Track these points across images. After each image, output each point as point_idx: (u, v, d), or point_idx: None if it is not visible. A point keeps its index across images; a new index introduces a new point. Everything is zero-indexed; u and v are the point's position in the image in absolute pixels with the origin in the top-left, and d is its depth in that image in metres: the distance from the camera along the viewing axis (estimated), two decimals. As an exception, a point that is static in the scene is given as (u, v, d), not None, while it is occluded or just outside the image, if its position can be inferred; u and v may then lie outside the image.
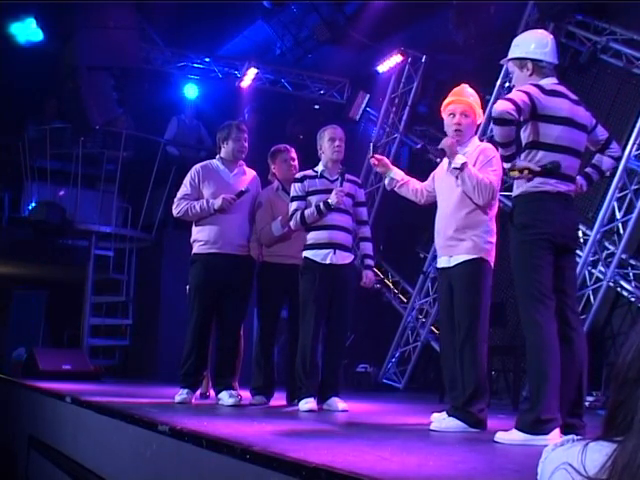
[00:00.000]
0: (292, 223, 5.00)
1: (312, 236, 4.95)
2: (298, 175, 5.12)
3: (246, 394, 5.39)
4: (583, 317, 6.87)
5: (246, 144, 5.32)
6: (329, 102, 10.59)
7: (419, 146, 9.32)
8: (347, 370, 8.69)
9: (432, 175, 4.29)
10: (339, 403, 4.88)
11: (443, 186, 4.09)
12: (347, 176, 5.04)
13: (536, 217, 3.37)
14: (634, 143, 6.83)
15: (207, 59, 10.40)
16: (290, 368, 5.11)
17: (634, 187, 6.91)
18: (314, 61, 9.79)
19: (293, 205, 5.01)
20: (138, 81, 10.02)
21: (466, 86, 4.23)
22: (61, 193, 9.28)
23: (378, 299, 9.60)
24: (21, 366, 8.14)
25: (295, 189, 5.04)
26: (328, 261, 4.89)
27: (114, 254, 9.32)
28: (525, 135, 3.46)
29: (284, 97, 10.71)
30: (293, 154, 5.58)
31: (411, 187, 4.30)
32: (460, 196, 3.94)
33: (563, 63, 7.91)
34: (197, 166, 5.33)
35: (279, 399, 5.41)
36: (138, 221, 9.32)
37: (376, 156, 4.41)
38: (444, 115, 4.12)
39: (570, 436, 1.27)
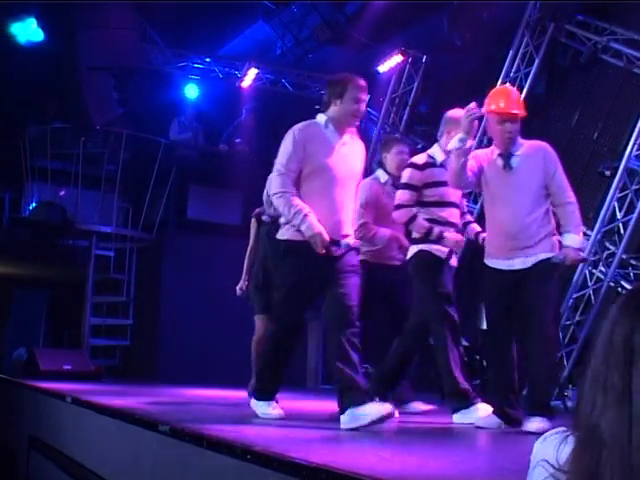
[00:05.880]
0: (404, 219, 4.43)
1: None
2: (419, 160, 4.49)
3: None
4: (584, 317, 6.87)
5: (363, 108, 4.11)
6: (329, 102, 10.58)
7: (420, 146, 9.33)
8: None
9: (474, 166, 4.00)
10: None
11: (508, 186, 3.93)
12: None
13: None
14: (634, 143, 6.84)
15: (208, 59, 10.40)
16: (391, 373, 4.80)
17: (634, 187, 6.91)
18: (314, 61, 9.79)
19: (405, 194, 4.42)
20: (138, 81, 10.02)
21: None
22: (62, 193, 9.28)
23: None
24: (21, 366, 8.14)
25: (412, 177, 4.43)
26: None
27: (114, 254, 9.32)
28: None
29: (284, 97, 10.71)
30: (406, 147, 5.06)
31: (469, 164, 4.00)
32: (535, 194, 3.89)
33: (564, 63, 7.94)
34: (298, 128, 4.01)
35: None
36: (138, 221, 9.33)
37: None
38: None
39: (561, 428, 1.25)
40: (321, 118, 3.98)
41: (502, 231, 3.93)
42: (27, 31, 9.05)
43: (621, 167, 6.85)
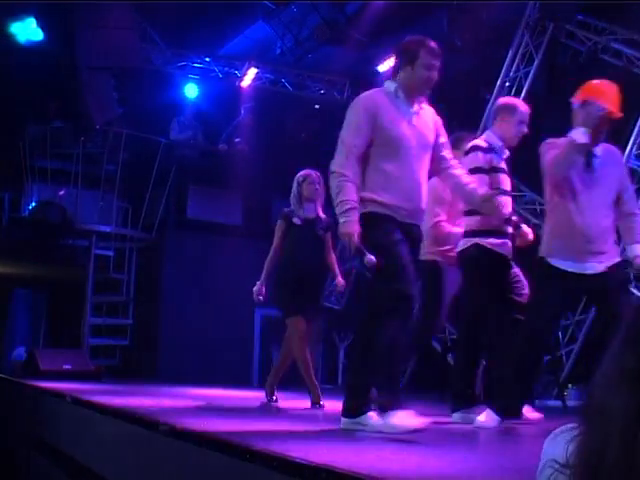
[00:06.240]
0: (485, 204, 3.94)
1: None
2: (482, 144, 4.21)
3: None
4: (584, 316, 6.87)
5: (436, 75, 3.66)
6: (329, 102, 10.59)
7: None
8: (347, 370, 8.69)
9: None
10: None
11: (589, 187, 3.80)
12: None
13: None
14: (634, 143, 6.84)
15: (207, 59, 10.41)
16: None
17: (634, 187, 6.90)
18: (314, 61, 9.79)
19: (479, 179, 4.00)
20: (138, 81, 10.03)
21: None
22: (61, 193, 9.28)
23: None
24: (21, 366, 8.15)
25: (485, 160, 4.12)
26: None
27: (114, 254, 9.32)
28: None
29: (284, 97, 10.71)
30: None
31: None
32: (612, 198, 3.82)
33: (564, 63, 7.94)
34: (364, 97, 3.61)
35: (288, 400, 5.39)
36: (138, 221, 9.33)
37: None
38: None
39: (570, 425, 1.24)
40: (390, 86, 3.57)
41: (578, 232, 3.77)
42: (27, 31, 9.05)
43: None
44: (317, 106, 10.70)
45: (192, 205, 9.93)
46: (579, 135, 3.71)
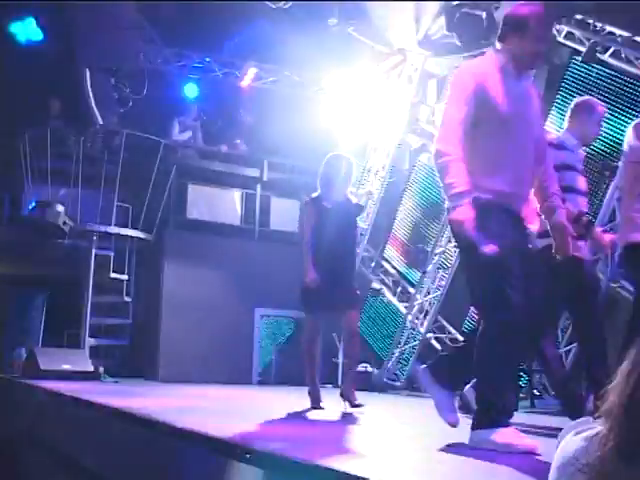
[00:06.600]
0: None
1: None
2: (554, 140, 4.09)
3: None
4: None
5: (546, 47, 3.30)
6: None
7: (419, 146, 9.33)
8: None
9: None
10: None
11: None
12: None
13: None
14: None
15: (207, 59, 10.41)
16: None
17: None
18: (315, 61, 9.78)
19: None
20: (138, 81, 10.02)
21: None
22: (61, 193, 9.28)
23: (378, 298, 9.60)
24: (21, 366, 8.15)
25: (550, 156, 3.68)
26: None
27: (114, 254, 9.32)
28: None
29: (284, 97, 10.71)
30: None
31: None
32: None
33: (563, 62, 7.94)
34: (468, 67, 3.19)
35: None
36: (138, 221, 9.34)
37: None
38: None
39: (586, 424, 1.23)
40: (497, 55, 3.11)
41: None
42: (27, 31, 9.05)
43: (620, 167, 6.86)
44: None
45: (192, 205, 9.94)
46: None
